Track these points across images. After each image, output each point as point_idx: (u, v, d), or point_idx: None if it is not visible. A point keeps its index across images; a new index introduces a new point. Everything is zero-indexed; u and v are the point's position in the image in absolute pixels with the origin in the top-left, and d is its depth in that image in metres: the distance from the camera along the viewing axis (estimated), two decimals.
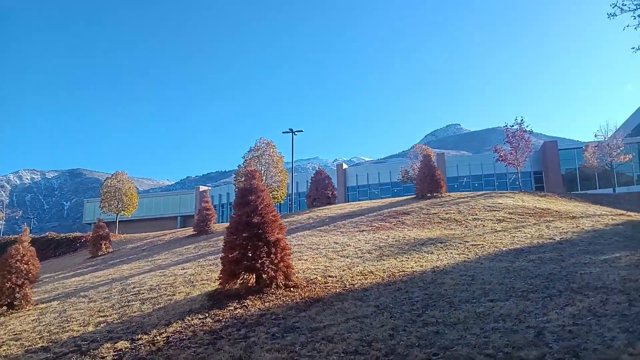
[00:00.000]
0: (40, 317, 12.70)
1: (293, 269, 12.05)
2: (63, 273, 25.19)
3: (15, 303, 14.44)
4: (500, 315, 7.88)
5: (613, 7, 14.02)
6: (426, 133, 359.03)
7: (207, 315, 9.89)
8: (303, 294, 10.73)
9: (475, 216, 21.18)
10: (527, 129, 35.70)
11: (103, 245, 31.19)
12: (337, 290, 10.88)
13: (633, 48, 14.56)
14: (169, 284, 14.10)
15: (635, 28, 14.09)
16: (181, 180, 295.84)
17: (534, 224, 19.12)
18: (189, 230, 33.77)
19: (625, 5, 13.76)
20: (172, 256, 22.04)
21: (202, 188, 77.65)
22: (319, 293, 10.74)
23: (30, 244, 16.10)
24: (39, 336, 10.41)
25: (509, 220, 20.17)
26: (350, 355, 6.66)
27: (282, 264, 11.58)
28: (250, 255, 11.28)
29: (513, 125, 35.45)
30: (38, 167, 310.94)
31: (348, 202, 53.38)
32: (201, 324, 9.36)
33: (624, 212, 22.81)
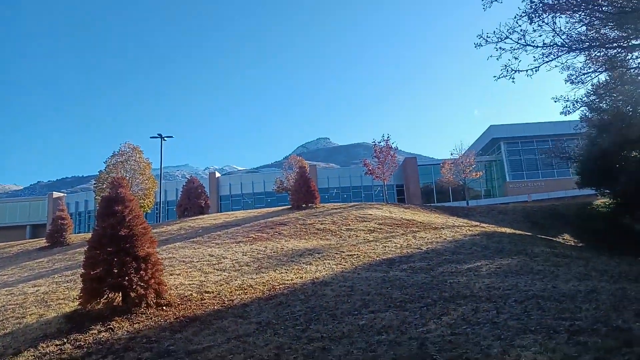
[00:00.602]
0: None
1: (165, 285, 11.18)
2: None
3: None
4: (382, 327, 7.98)
5: (479, 38, 15.32)
6: (298, 145, 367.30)
7: (65, 340, 8.68)
8: (177, 313, 9.95)
9: (348, 227, 21.76)
10: (393, 145, 38.03)
11: None
12: (215, 307, 10.28)
13: (495, 77, 16.08)
14: (17, 304, 12.27)
15: (497, 59, 15.52)
16: (31, 185, 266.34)
17: (402, 234, 20.16)
18: (42, 242, 30.10)
19: (490, 37, 15.11)
20: (21, 271, 19.36)
21: (55, 194, 70.21)
22: (195, 311, 10.06)
23: None
24: None
25: (379, 230, 21.04)
26: None
27: (153, 280, 10.67)
28: (116, 271, 10.21)
29: (380, 142, 37.46)
30: None
31: (221, 211, 52.11)
32: (59, 351, 8.18)
33: (477, 223, 25.13)
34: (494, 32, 15.24)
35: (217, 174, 69.54)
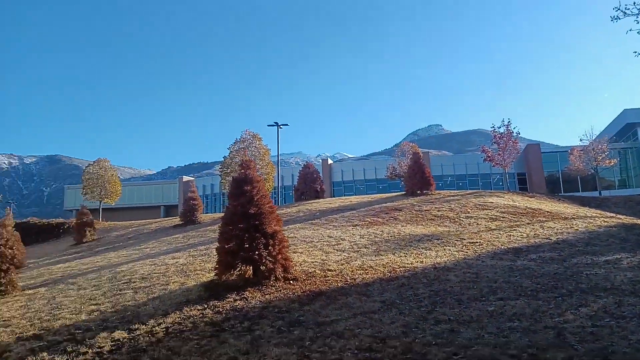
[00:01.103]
0: (28, 303, 12.14)
1: (291, 261, 11.73)
2: (48, 259, 24.42)
3: (1, 289, 13.84)
4: (513, 314, 7.68)
5: (616, 11, 13.91)
6: (408, 132, 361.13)
7: (205, 306, 9.51)
8: (304, 287, 10.41)
9: (467, 214, 21.06)
10: (514, 130, 35.88)
11: (87, 232, 30.39)
12: (339, 284, 10.59)
13: (635, 52, 14.47)
14: (161, 273, 13.64)
15: (638, 32, 13.98)
16: (162, 170, 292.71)
17: (528, 223, 19.07)
18: (175, 220, 33.12)
19: (628, 9, 13.65)
20: (161, 245, 21.49)
21: (185, 178, 76.56)
22: (320, 287, 10.45)
23: (14, 229, 15.49)
24: (29, 323, 9.90)
25: (502, 219, 20.10)
26: (365, 352, 6.37)
27: (280, 256, 11.25)
28: (247, 246, 10.92)
29: (500, 127, 35.57)
30: (15, 151, 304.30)
31: (333, 197, 53.20)
32: (200, 315, 8.99)
33: (613, 214, 22.96)
34: (634, 2, 13.75)
35: (330, 161, 70.95)
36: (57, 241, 37.07)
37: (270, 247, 11.00)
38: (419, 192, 28.27)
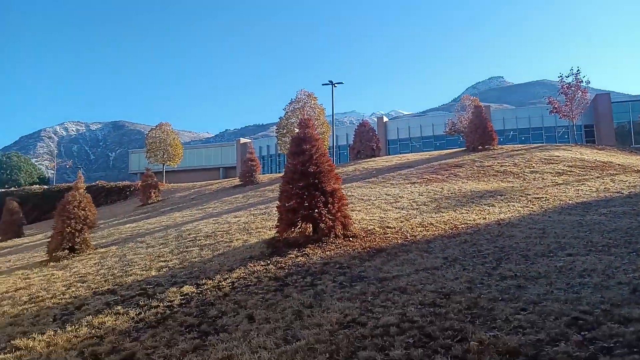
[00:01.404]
0: (101, 261, 12.97)
1: (350, 219, 11.78)
2: (117, 220, 25.89)
3: (76, 247, 14.80)
4: (584, 270, 7.37)
5: None
6: (467, 86, 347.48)
7: (269, 262, 9.78)
8: (364, 244, 10.46)
9: (532, 169, 20.27)
10: (584, 80, 33.65)
11: (152, 193, 31.84)
12: (399, 241, 10.56)
13: None
14: (224, 231, 14.11)
15: None
16: (220, 132, 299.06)
17: (597, 177, 18.13)
18: (235, 181, 34.02)
19: None
20: (222, 205, 22.19)
21: (242, 140, 78.01)
22: (380, 243, 10.45)
23: (85, 191, 16.41)
24: (103, 279, 10.59)
25: (569, 173, 19.20)
26: (429, 307, 6.34)
27: (339, 213, 11.31)
28: (307, 204, 11.06)
29: (568, 76, 33.46)
30: (82, 119, 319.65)
31: (389, 155, 52.65)
32: (264, 270, 9.25)
33: None
34: None
35: (385, 119, 69.83)
36: (125, 203, 39.18)
37: (329, 205, 11.08)
38: (480, 147, 27.42)
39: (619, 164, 20.97)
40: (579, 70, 33.36)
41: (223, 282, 8.79)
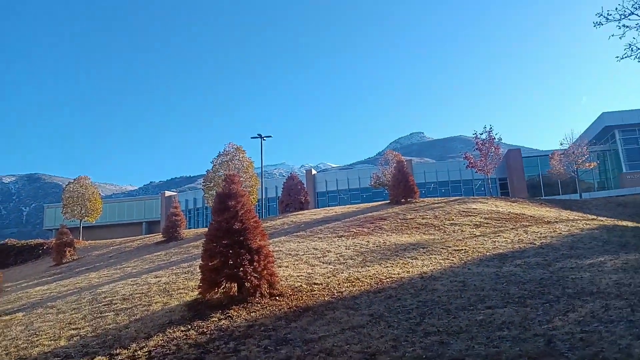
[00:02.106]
0: (5, 330, 11.71)
1: (277, 276, 11.53)
2: (26, 282, 23.79)
3: None
4: (502, 322, 7.60)
5: (599, 17, 14.22)
6: (390, 140, 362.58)
7: (189, 327, 9.26)
8: (290, 303, 10.22)
9: (452, 221, 21.11)
10: (496, 137, 36.31)
11: (67, 252, 29.73)
12: (326, 298, 10.43)
13: (617, 57, 14.73)
14: (143, 293, 13.31)
15: (619, 37, 14.30)
16: (144, 185, 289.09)
17: (512, 228, 19.16)
18: (158, 237, 32.62)
19: (611, 15, 13.95)
20: (143, 264, 21.07)
21: (167, 193, 75.87)
22: (307, 302, 10.27)
23: None
24: (4, 352, 9.52)
25: (486, 225, 20.17)
26: None
27: (265, 271, 11.05)
28: (231, 263, 10.70)
29: (482, 133, 35.96)
30: None
31: (318, 207, 53.11)
32: (184, 336, 8.74)
33: (594, 216, 23.22)
34: (616, 9, 14.05)
35: (314, 171, 70.94)
36: (37, 262, 36.24)
37: (255, 263, 10.80)
38: (403, 200, 28.32)
39: (530, 216, 22.35)
40: (491, 127, 35.99)
41: (139, 352, 8.17)
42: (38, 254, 38.97)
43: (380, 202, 32.38)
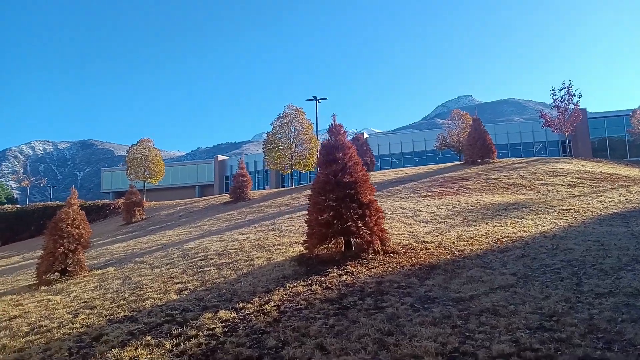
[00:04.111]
0: (102, 284, 11.60)
1: (388, 233, 10.81)
2: (101, 239, 24.23)
3: (68, 269, 13.35)
4: None
5: None
6: (437, 104, 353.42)
7: (310, 281, 8.68)
8: (410, 260, 9.50)
9: (542, 181, 19.80)
10: (576, 93, 33.57)
11: (137, 211, 30.22)
12: (447, 256, 9.64)
13: None
14: (237, 248, 12.93)
15: None
16: (192, 151, 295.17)
17: (612, 188, 17.74)
18: (224, 197, 32.66)
19: None
20: (218, 222, 20.91)
21: (220, 157, 76.49)
22: (427, 259, 9.51)
23: (79, 208, 15.02)
24: (115, 304, 9.28)
25: (581, 185, 18.78)
26: (541, 331, 5.44)
27: (376, 227, 10.32)
28: (343, 217, 10.05)
29: (561, 89, 33.50)
30: (50, 138, 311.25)
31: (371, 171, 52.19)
32: (309, 291, 8.16)
33: None
34: None
35: (365, 134, 69.64)
36: (105, 222, 37.21)
37: (367, 218, 10.11)
38: (479, 160, 26.96)
39: (625, 176, 20.75)
40: (570, 83, 33.40)
41: (266, 306, 7.66)
42: (105, 214, 40.03)
43: (453, 163, 31.12)
